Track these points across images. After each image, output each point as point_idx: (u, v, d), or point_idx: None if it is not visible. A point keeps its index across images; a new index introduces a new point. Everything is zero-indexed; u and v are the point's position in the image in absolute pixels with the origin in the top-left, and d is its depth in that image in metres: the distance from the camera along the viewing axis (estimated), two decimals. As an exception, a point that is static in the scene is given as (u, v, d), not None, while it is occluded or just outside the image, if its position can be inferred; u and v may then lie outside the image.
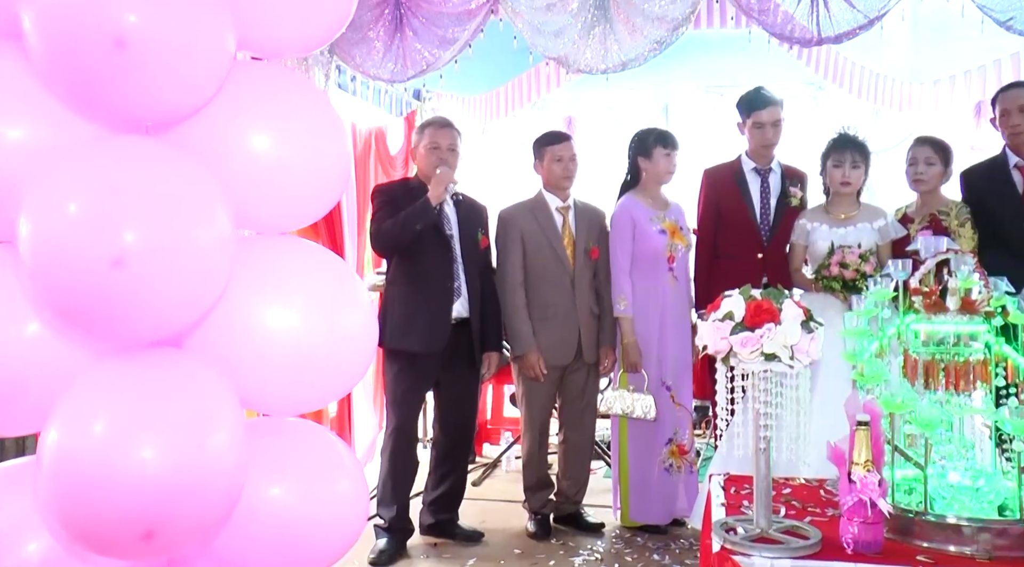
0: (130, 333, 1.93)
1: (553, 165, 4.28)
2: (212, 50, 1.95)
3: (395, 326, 4.01)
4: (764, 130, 4.27)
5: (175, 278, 1.84)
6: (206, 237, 1.89)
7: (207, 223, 1.90)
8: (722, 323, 2.45)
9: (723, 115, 5.72)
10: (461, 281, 4.10)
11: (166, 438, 1.84)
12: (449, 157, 4.08)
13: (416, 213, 3.90)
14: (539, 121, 6.82)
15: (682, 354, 4.30)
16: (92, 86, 1.85)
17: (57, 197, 1.81)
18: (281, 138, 2.11)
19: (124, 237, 1.77)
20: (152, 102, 1.92)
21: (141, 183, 1.84)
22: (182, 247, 1.84)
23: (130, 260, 1.77)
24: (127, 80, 1.83)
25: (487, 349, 4.22)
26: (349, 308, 2.21)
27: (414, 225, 3.89)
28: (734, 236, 4.30)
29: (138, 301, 1.82)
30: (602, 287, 4.31)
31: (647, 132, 4.31)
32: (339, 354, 2.18)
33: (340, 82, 5.26)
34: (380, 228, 3.97)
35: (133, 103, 1.91)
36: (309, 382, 2.16)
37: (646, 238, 4.21)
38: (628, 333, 4.19)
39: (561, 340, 4.24)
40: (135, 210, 1.80)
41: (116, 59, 1.79)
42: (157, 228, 1.81)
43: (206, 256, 1.89)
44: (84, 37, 1.78)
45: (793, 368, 2.35)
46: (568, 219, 4.30)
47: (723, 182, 4.36)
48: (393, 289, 4.11)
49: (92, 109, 1.95)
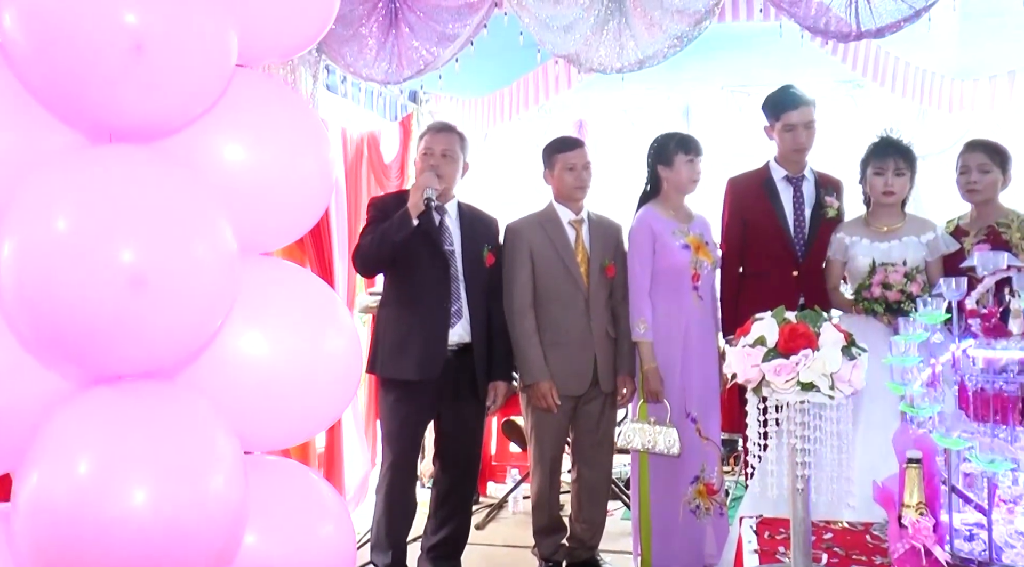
0: (138, 361, 1.95)
1: (565, 174, 4.28)
2: (219, 52, 2.01)
3: (387, 352, 4.03)
4: (795, 133, 4.25)
5: (193, 298, 1.88)
6: (219, 253, 1.93)
7: (219, 238, 1.94)
8: (753, 349, 2.46)
9: (749, 117, 5.73)
10: (462, 302, 4.10)
11: (160, 480, 1.84)
12: (443, 164, 4.08)
13: (393, 226, 3.91)
14: (547, 125, 6.84)
15: (708, 383, 4.30)
16: (99, 93, 1.90)
17: (63, 211, 1.82)
18: (255, 149, 2.13)
19: (143, 255, 1.80)
20: (159, 110, 1.97)
21: (152, 196, 1.88)
22: (200, 264, 1.88)
23: (150, 280, 1.79)
24: (142, 86, 1.89)
25: (494, 378, 4.22)
26: (330, 332, 2.23)
27: (391, 239, 3.90)
28: (764, 252, 4.30)
29: (155, 324, 1.85)
30: (619, 308, 4.31)
31: (667, 137, 4.33)
32: (320, 382, 2.20)
33: (329, 83, 5.28)
34: (359, 246, 4.01)
35: (141, 111, 1.96)
36: (289, 413, 2.18)
37: (668, 253, 4.22)
38: (648, 359, 4.19)
39: (574, 367, 4.24)
40: (151, 225, 1.83)
41: (133, 64, 1.85)
42: (176, 244, 1.85)
43: (220, 273, 1.93)
44: (98, 42, 1.82)
45: (833, 399, 2.36)
46: (581, 234, 4.31)
47: (750, 192, 4.36)
48: (385, 311, 4.13)
49: (85, 117, 1.99)
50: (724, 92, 7.02)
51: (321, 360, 2.18)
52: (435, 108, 6.67)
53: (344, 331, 2.28)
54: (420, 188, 3.93)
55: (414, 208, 3.90)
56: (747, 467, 3.49)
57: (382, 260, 3.97)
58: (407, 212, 3.91)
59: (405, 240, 3.90)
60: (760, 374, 2.41)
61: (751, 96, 6.68)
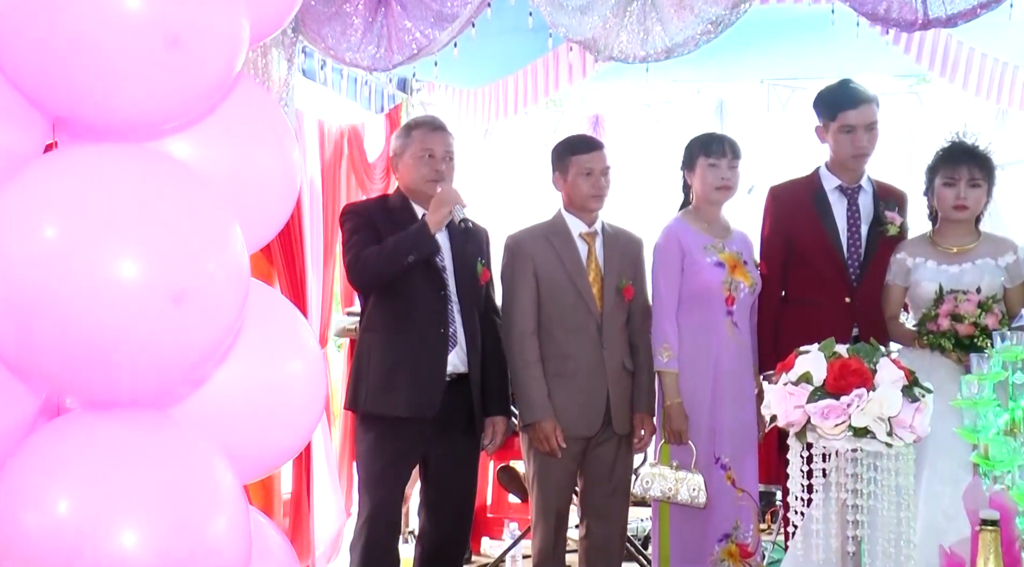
0: (152, 385, 2.06)
1: (580, 180, 4.26)
2: (236, 40, 2.12)
3: (373, 384, 4.01)
4: (854, 136, 4.24)
5: (224, 314, 2.00)
6: (241, 262, 2.06)
7: (239, 244, 2.06)
8: (796, 387, 2.53)
9: (794, 116, 5.72)
10: (457, 325, 4.10)
11: (154, 521, 1.89)
12: (446, 169, 4.11)
13: (409, 241, 3.91)
14: (558, 122, 6.90)
15: (743, 425, 4.29)
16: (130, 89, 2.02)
17: (79, 216, 1.93)
18: (202, 145, 2.19)
19: (183, 268, 1.93)
20: (185, 104, 2.11)
21: (174, 201, 2.00)
22: (229, 274, 2.01)
23: (190, 295, 1.92)
24: (173, 81, 2.03)
25: (490, 412, 4.21)
26: (289, 352, 2.31)
27: (405, 257, 3.90)
28: (812, 275, 4.29)
29: (190, 344, 1.96)
30: (637, 336, 4.31)
31: (693, 139, 4.37)
32: (275, 410, 2.28)
33: (306, 68, 5.28)
34: (360, 256, 3.98)
35: (167, 107, 2.09)
36: (236, 445, 2.22)
37: (698, 271, 4.23)
38: (672, 393, 4.19)
39: (584, 403, 4.22)
40: (186, 235, 1.96)
41: (166, 57, 1.98)
42: (210, 253, 1.97)
43: (242, 284, 2.06)
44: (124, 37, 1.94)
45: (892, 447, 2.41)
46: (595, 248, 4.30)
47: (796, 204, 4.35)
48: (371, 337, 4.11)
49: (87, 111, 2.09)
50: (765, 86, 7.01)
51: (276, 385, 2.23)
52: (428, 99, 6.69)
53: (305, 351, 2.32)
54: (447, 203, 3.93)
55: (437, 226, 3.93)
56: (787, 525, 3.48)
57: (385, 277, 3.97)
58: (426, 229, 3.92)
59: (419, 261, 3.93)
60: (804, 417, 2.47)
61: (796, 91, 6.70)
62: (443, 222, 3.94)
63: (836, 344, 2.92)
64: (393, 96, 6.59)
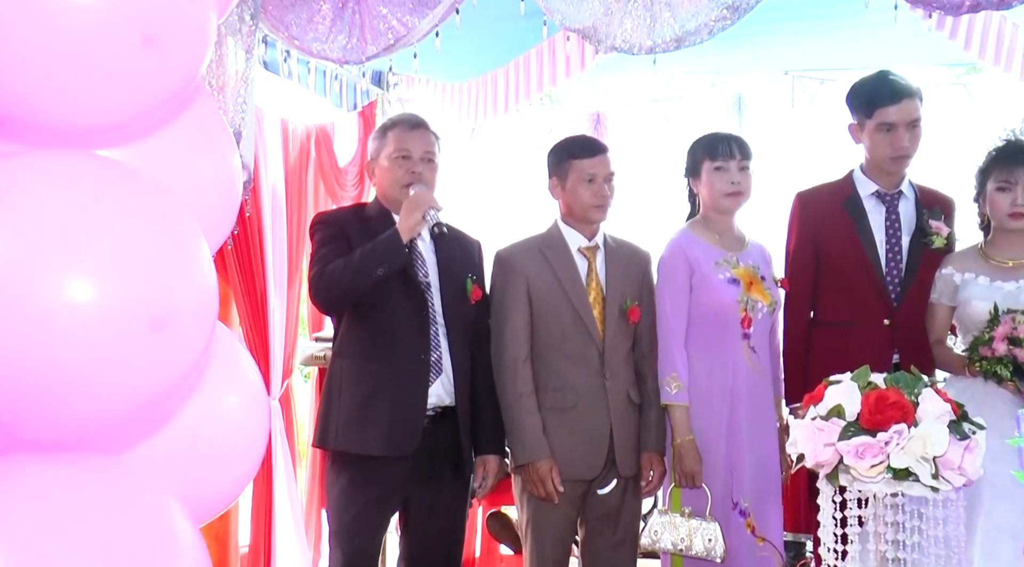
0: (115, 427, 2.12)
1: (580, 187, 4.25)
2: (206, 36, 2.22)
3: (345, 418, 4.00)
4: (894, 135, 4.22)
5: (196, 342, 2.09)
6: (212, 283, 2.16)
7: (209, 264, 2.17)
8: (827, 422, 2.59)
9: (823, 112, 5.69)
10: (442, 351, 4.10)
11: None
12: (425, 171, 4.11)
13: (378, 252, 3.89)
14: (554, 120, 6.97)
15: (765, 465, 4.29)
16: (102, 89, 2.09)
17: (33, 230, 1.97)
18: (127, 153, 2.25)
19: (165, 290, 2.03)
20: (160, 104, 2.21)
21: (141, 213, 2.08)
22: (202, 298, 2.10)
23: (172, 319, 2.01)
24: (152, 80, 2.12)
25: (481, 451, 4.22)
26: (223, 382, 2.35)
27: (374, 269, 3.88)
28: (845, 293, 4.28)
29: (171, 373, 2.05)
30: (645, 363, 4.33)
31: (696, 142, 4.39)
32: (206, 452, 2.34)
33: (267, 60, 5.29)
34: (323, 271, 3.97)
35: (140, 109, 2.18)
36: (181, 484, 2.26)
37: (709, 290, 4.23)
38: (682, 429, 4.19)
39: (584, 441, 4.22)
40: (166, 253, 2.06)
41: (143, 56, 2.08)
42: (181, 274, 2.07)
43: (213, 309, 2.16)
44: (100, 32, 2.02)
45: (938, 492, 2.41)
46: (596, 264, 4.30)
47: (827, 212, 4.34)
48: (342, 364, 4.10)
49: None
50: (789, 78, 7.03)
51: (206, 422, 2.27)
52: (407, 95, 6.72)
53: (242, 383, 2.38)
54: (420, 207, 3.92)
55: (409, 232, 3.91)
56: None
57: (354, 293, 3.94)
58: (396, 236, 3.90)
59: (390, 274, 3.91)
60: (836, 456, 2.53)
61: (825, 84, 6.72)
62: (416, 228, 3.92)
63: (872, 372, 2.93)
64: (367, 92, 6.62)
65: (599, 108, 7.36)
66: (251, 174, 4.34)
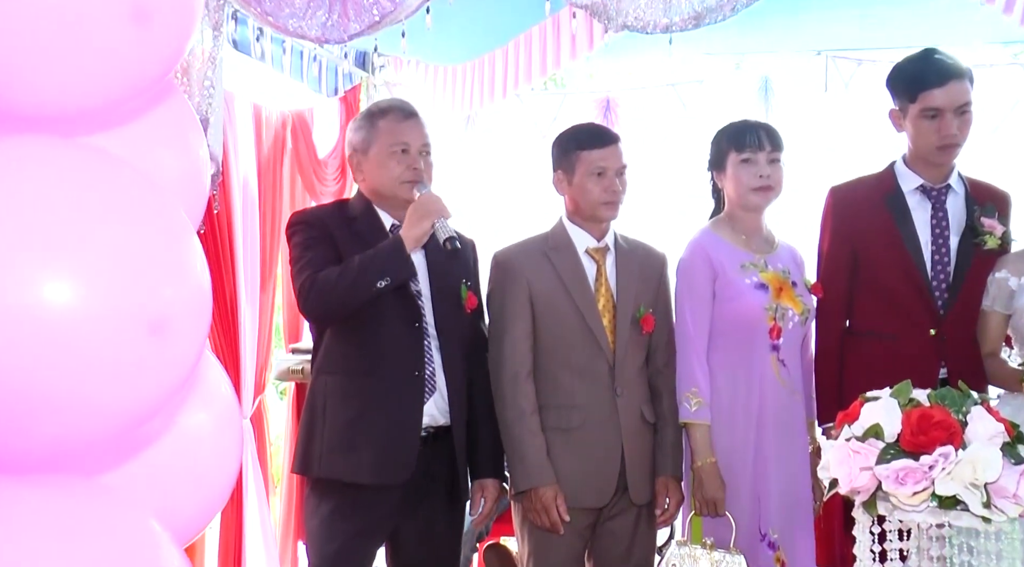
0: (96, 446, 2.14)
1: (589, 182, 4.24)
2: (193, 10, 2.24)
3: (330, 442, 3.99)
4: (941, 121, 4.19)
5: (198, 343, 2.15)
6: (206, 284, 2.22)
7: (203, 263, 2.24)
8: (863, 444, 2.57)
9: (861, 97, 5.67)
10: (436, 366, 4.09)
11: None
12: (426, 167, 4.11)
13: (380, 262, 3.88)
14: (559, 107, 7.00)
15: (796, 491, 4.28)
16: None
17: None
18: None
19: (162, 292, 2.06)
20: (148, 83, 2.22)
21: (133, 207, 2.09)
22: (204, 292, 2.17)
23: (170, 321, 2.05)
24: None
25: (479, 475, 4.23)
26: (190, 403, 2.36)
27: (375, 282, 3.87)
28: (886, 300, 4.28)
29: (167, 382, 2.08)
30: (660, 379, 4.33)
31: (720, 132, 4.39)
32: (172, 475, 2.36)
33: (238, 39, 5.30)
34: (316, 280, 3.94)
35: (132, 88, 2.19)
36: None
37: (734, 296, 4.23)
38: (703, 450, 4.18)
39: (593, 465, 4.21)
40: (165, 255, 2.09)
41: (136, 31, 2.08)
42: (188, 274, 2.13)
43: (207, 312, 2.23)
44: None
45: (990, 523, 2.39)
46: (605, 268, 4.30)
47: (866, 209, 4.33)
48: (327, 381, 4.08)
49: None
50: (822, 59, 7.05)
51: (172, 442, 2.27)
52: (394, 79, 6.76)
53: (212, 399, 2.40)
54: (429, 215, 3.91)
55: (415, 242, 3.91)
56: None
57: (351, 305, 3.92)
58: (401, 246, 3.90)
59: (392, 288, 3.90)
60: (874, 482, 2.52)
61: (863, 65, 6.72)
62: (423, 239, 3.91)
63: (915, 388, 2.91)
64: (349, 75, 6.64)
65: (609, 93, 7.36)
66: (219, 166, 4.35)
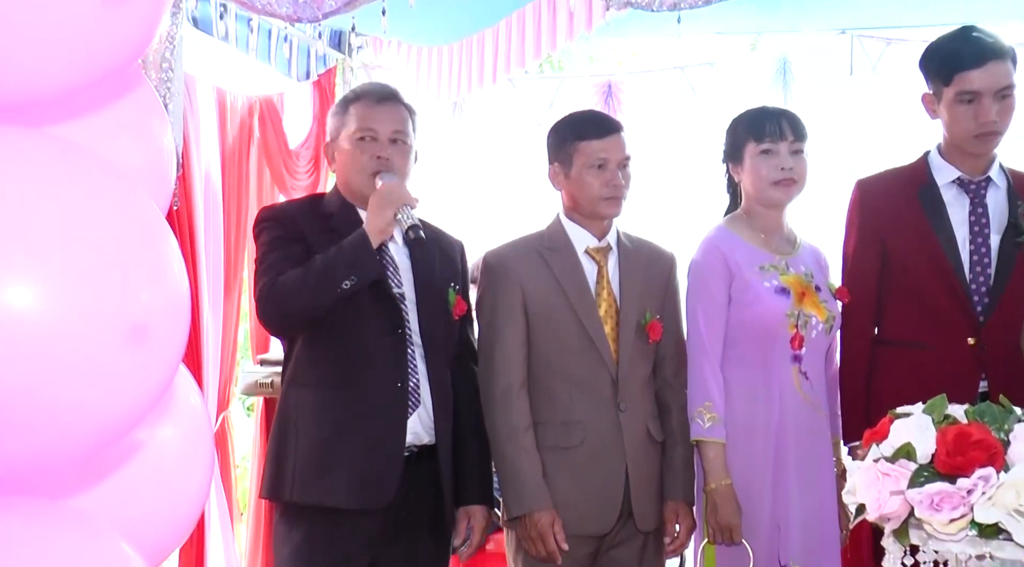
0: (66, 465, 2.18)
1: (588, 175, 4.22)
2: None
3: (303, 463, 3.97)
4: (978, 106, 4.16)
5: (178, 350, 2.16)
6: (184, 286, 2.22)
7: (180, 264, 2.24)
8: (893, 465, 2.56)
9: (891, 79, 5.65)
10: (421, 377, 4.10)
11: None
12: (394, 155, 4.08)
13: (344, 259, 3.87)
14: (555, 92, 7.00)
15: (819, 516, 4.29)
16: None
17: None
18: None
19: (141, 296, 2.06)
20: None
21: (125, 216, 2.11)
22: (183, 294, 2.17)
23: (150, 330, 2.05)
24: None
25: (465, 500, 4.23)
26: (155, 415, 2.34)
27: (339, 282, 3.85)
28: (919, 305, 4.28)
29: (147, 391, 2.10)
30: (669, 392, 4.35)
31: (737, 119, 4.39)
32: (136, 496, 2.37)
33: (198, 16, 5.32)
34: (275, 284, 3.94)
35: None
36: None
37: (752, 301, 4.23)
38: (718, 472, 4.17)
39: (595, 488, 4.20)
40: (145, 255, 2.09)
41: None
42: (165, 268, 2.13)
43: (187, 315, 2.23)
44: None
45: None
46: (607, 270, 4.30)
47: (897, 205, 4.32)
48: (299, 395, 4.08)
49: None
50: (847, 38, 7.05)
51: (136, 459, 2.28)
52: (374, 61, 6.78)
53: (180, 411, 2.41)
54: (391, 203, 3.89)
55: (379, 235, 3.89)
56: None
57: (315, 311, 3.91)
58: (365, 240, 3.88)
59: (360, 288, 3.87)
60: (906, 508, 2.51)
61: (893, 45, 6.74)
62: (387, 230, 3.90)
63: (951, 402, 2.90)
64: (324, 57, 6.66)
65: (611, 77, 7.38)
66: (179, 158, 4.37)
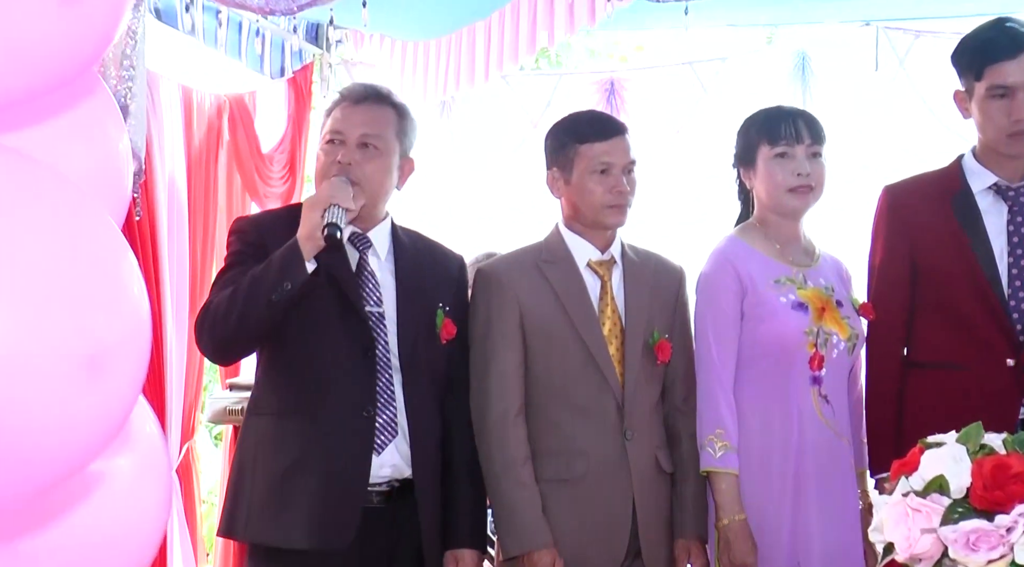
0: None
1: (590, 181, 4.20)
2: None
3: (259, 498, 4.00)
4: (1013, 101, 4.14)
5: (137, 380, 2.17)
6: (146, 306, 2.24)
7: (141, 287, 2.24)
8: (924, 500, 2.54)
9: (919, 75, 5.63)
10: (398, 407, 4.07)
11: None
12: (362, 161, 4.05)
13: (272, 271, 3.85)
14: (553, 90, 7.01)
15: (843, 555, 4.25)
16: None
17: None
18: None
19: (98, 323, 2.05)
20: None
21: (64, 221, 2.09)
22: (144, 320, 2.18)
23: (107, 359, 2.03)
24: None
25: (453, 544, 4.18)
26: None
27: (267, 295, 3.83)
28: (953, 323, 4.27)
29: (105, 425, 2.10)
30: (679, 418, 4.35)
31: (749, 120, 4.39)
32: (84, 534, 2.37)
33: (162, 8, 5.33)
34: (206, 306, 3.99)
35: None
36: None
37: (766, 316, 4.23)
38: (731, 505, 4.16)
39: (600, 525, 4.21)
40: (103, 287, 2.08)
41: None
42: (126, 299, 2.12)
43: (147, 343, 2.24)
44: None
45: None
46: (611, 284, 4.29)
47: (927, 213, 4.32)
48: (258, 424, 4.12)
49: None
50: (871, 31, 7.04)
51: (85, 494, 2.29)
52: (354, 56, 6.80)
53: (134, 440, 2.41)
54: (318, 205, 3.87)
55: (308, 241, 3.84)
56: None
57: (246, 335, 3.91)
58: (295, 248, 3.83)
59: (290, 301, 3.83)
60: (939, 547, 2.48)
61: (921, 37, 6.72)
62: (314, 232, 3.84)
63: (988, 431, 2.86)
64: (300, 52, 6.68)
65: (614, 74, 7.39)
66: (142, 163, 4.35)
